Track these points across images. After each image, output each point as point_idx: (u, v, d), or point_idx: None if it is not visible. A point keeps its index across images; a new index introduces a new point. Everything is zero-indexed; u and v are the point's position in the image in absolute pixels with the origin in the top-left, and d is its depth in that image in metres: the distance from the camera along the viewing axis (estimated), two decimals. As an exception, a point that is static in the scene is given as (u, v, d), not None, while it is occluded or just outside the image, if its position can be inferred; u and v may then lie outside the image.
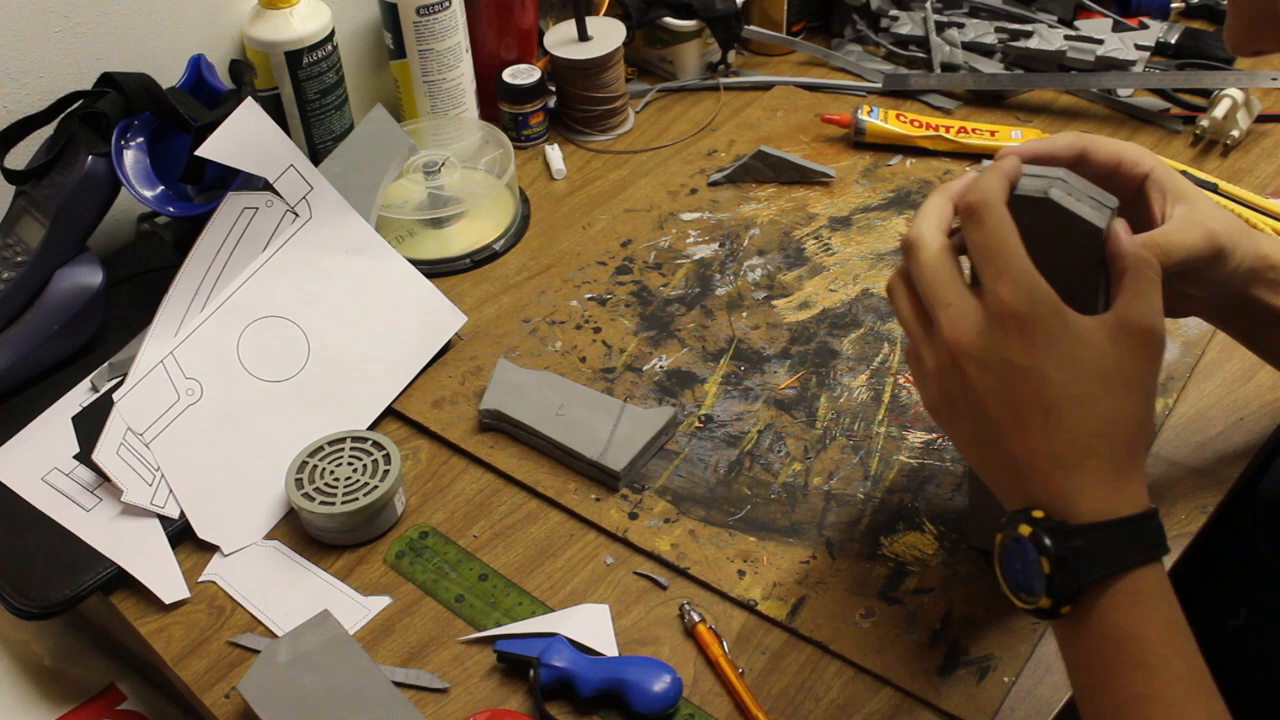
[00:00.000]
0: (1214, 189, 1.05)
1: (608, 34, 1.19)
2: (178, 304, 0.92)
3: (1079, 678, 0.60)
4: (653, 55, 1.29)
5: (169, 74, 1.02)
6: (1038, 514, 0.59)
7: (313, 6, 1.08)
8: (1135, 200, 0.71)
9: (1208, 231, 0.67)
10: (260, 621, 0.80)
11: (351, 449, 0.86)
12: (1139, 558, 0.58)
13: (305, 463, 0.85)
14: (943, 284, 0.61)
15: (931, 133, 1.14)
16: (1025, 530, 0.58)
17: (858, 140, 1.16)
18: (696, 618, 0.77)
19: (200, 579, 0.83)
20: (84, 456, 0.88)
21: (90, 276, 0.97)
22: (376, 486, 0.83)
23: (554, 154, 1.18)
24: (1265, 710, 0.87)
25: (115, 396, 0.89)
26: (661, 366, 0.95)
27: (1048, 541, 0.57)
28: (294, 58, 1.07)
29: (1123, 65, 1.19)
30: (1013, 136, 1.12)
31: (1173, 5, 1.30)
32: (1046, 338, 0.58)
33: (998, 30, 1.26)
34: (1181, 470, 0.84)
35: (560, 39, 1.19)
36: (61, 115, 0.97)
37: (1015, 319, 0.58)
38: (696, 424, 0.90)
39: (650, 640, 0.77)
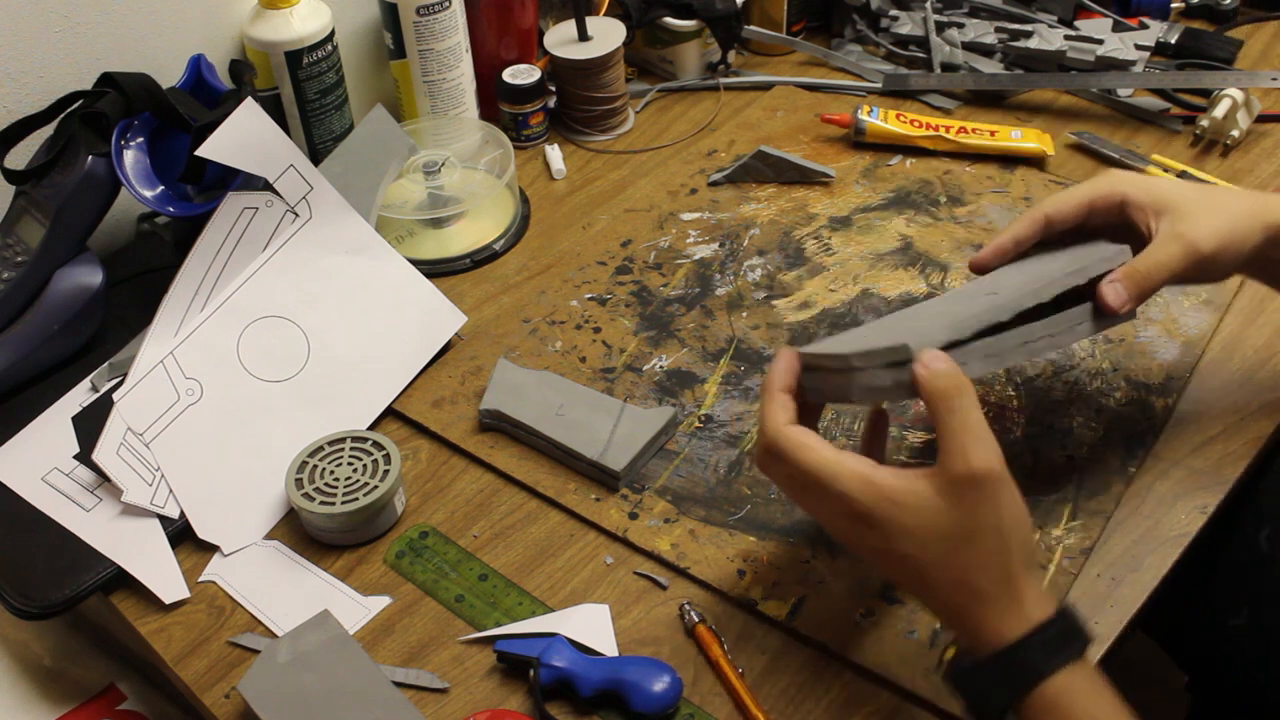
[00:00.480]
0: (1214, 189, 1.05)
1: (608, 34, 1.19)
2: (178, 304, 0.92)
3: None
4: (653, 55, 1.29)
5: (169, 74, 1.02)
6: (949, 652, 0.68)
7: (313, 6, 1.08)
8: (1127, 228, 0.76)
9: (1186, 244, 0.74)
10: (260, 621, 0.80)
11: (351, 449, 0.86)
12: (1040, 671, 0.61)
13: (305, 463, 0.85)
14: (809, 504, 0.69)
15: (931, 133, 1.13)
16: (942, 670, 0.67)
17: (858, 140, 1.16)
18: (696, 618, 0.77)
19: (200, 579, 0.83)
20: (84, 456, 0.88)
21: (90, 276, 0.97)
22: (376, 486, 0.83)
23: (554, 154, 1.18)
24: (1266, 710, 0.87)
25: (115, 396, 0.89)
26: (661, 366, 0.95)
27: (955, 683, 0.65)
28: (294, 58, 1.07)
29: (1123, 65, 1.19)
30: (1012, 136, 1.12)
31: (1173, 5, 1.30)
32: (886, 524, 0.63)
33: (998, 30, 1.26)
34: (1181, 470, 0.84)
35: (560, 39, 1.19)
36: (61, 115, 0.97)
37: (857, 518, 0.64)
38: (696, 424, 0.90)
39: (650, 640, 0.77)
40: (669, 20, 1.24)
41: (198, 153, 0.92)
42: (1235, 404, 0.88)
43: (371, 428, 0.92)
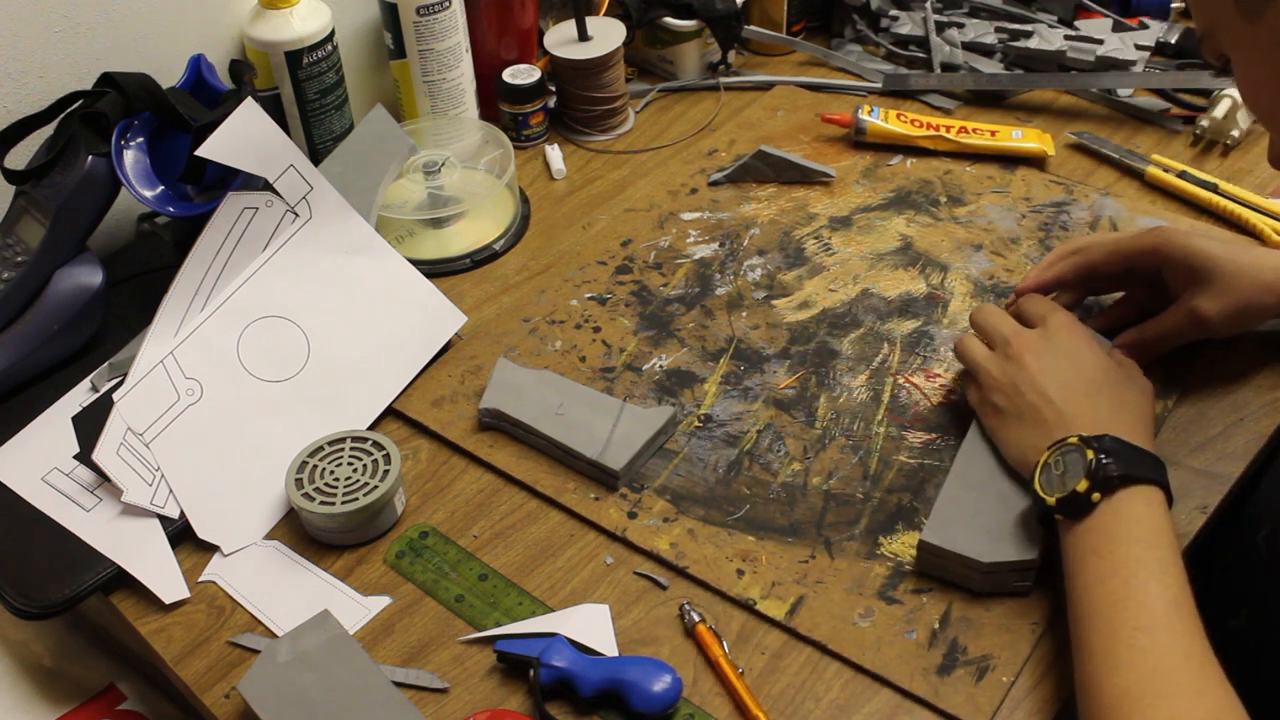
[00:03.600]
0: (1214, 189, 1.05)
1: (608, 34, 1.19)
2: (178, 304, 0.92)
3: (1088, 566, 0.70)
4: (653, 55, 1.29)
5: (169, 74, 1.02)
6: (1075, 438, 0.73)
7: (313, 6, 1.08)
8: (1162, 282, 0.87)
9: (1195, 318, 0.84)
10: (260, 621, 0.80)
11: (351, 449, 0.86)
12: (1158, 479, 0.71)
13: (305, 463, 0.85)
14: (1009, 321, 0.84)
15: (932, 133, 1.13)
16: (1074, 440, 0.73)
17: (858, 140, 1.16)
18: (696, 618, 0.77)
19: (200, 579, 0.83)
20: (84, 456, 0.88)
21: (90, 276, 0.97)
22: (376, 486, 0.83)
23: (554, 154, 1.18)
24: (1266, 710, 0.87)
25: (115, 396, 0.89)
26: (661, 366, 0.95)
27: (1095, 442, 0.72)
28: (294, 58, 1.07)
29: (1123, 65, 1.19)
30: (1013, 136, 1.12)
31: (1173, 5, 1.30)
32: (1088, 342, 0.81)
33: (998, 30, 1.26)
34: (1181, 470, 0.83)
35: (560, 39, 1.19)
36: (61, 115, 0.97)
37: (1069, 327, 0.81)
38: (696, 423, 0.90)
39: (650, 640, 0.77)
40: (669, 20, 1.24)
41: (198, 153, 0.92)
42: (1235, 404, 0.88)
43: (371, 428, 0.92)
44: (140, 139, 0.97)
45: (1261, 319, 0.86)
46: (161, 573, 0.82)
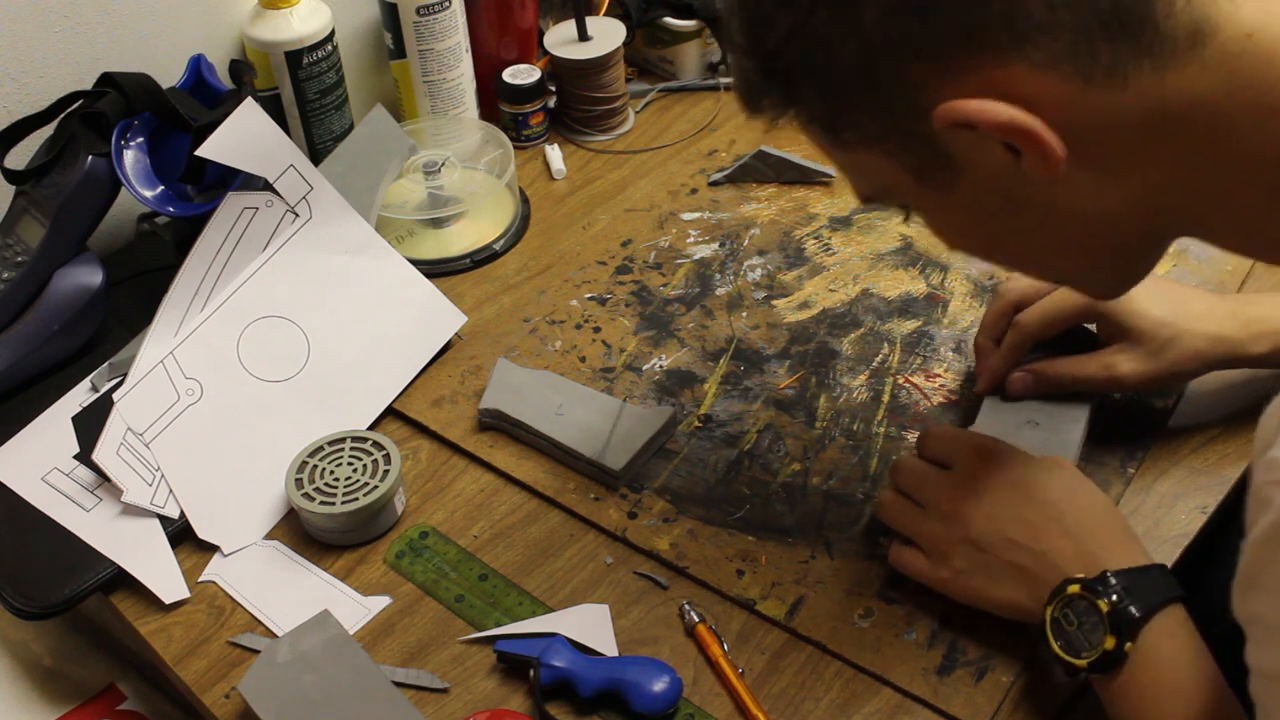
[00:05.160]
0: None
1: (608, 34, 1.19)
2: (178, 304, 0.93)
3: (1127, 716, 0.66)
4: (653, 55, 1.29)
5: (169, 74, 1.02)
6: (1074, 585, 0.67)
7: (313, 6, 1.08)
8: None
9: (1109, 375, 0.82)
10: (260, 621, 0.80)
11: (351, 449, 0.86)
12: (1171, 594, 0.67)
13: (305, 463, 0.85)
14: (927, 474, 0.76)
15: (931, 133, 1.13)
16: (1074, 589, 0.67)
17: (858, 140, 1.15)
18: (696, 618, 0.77)
19: (200, 579, 0.83)
20: (84, 456, 0.88)
21: (90, 276, 0.97)
22: (376, 486, 0.83)
23: (554, 154, 1.18)
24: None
25: (115, 396, 0.89)
26: (661, 366, 0.95)
27: (1100, 587, 0.66)
28: (294, 58, 1.07)
29: (1123, 65, 1.19)
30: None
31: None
32: (1011, 460, 0.74)
33: (998, 30, 1.25)
34: (1182, 470, 0.84)
35: (560, 39, 1.19)
36: (61, 115, 0.97)
37: (983, 454, 0.75)
38: (696, 424, 0.90)
39: (650, 640, 0.77)
40: (669, 20, 1.24)
41: (198, 153, 0.92)
42: (1235, 404, 0.88)
43: (371, 428, 0.92)
44: (140, 139, 0.97)
45: (1183, 382, 0.84)
46: (161, 573, 0.82)
